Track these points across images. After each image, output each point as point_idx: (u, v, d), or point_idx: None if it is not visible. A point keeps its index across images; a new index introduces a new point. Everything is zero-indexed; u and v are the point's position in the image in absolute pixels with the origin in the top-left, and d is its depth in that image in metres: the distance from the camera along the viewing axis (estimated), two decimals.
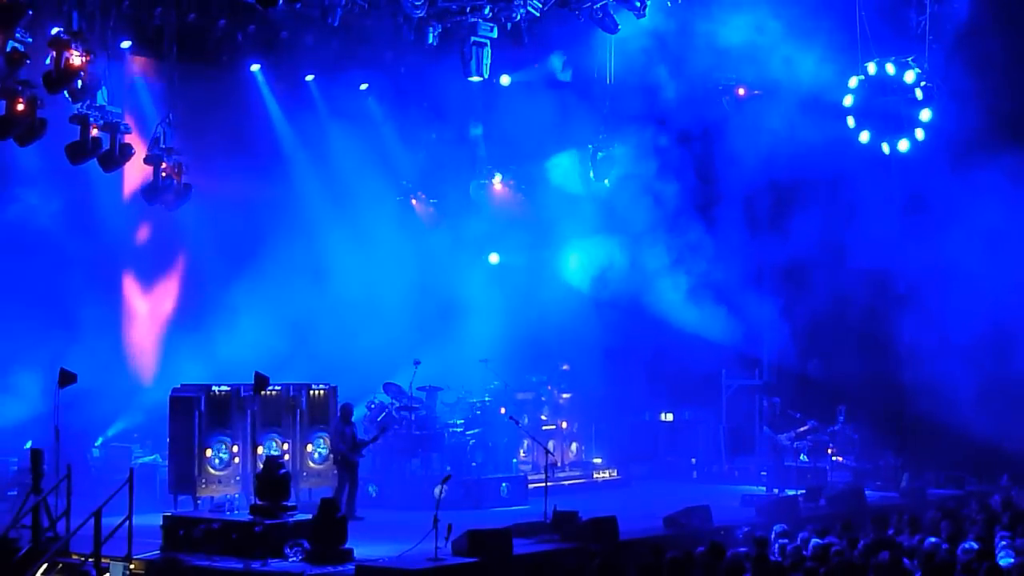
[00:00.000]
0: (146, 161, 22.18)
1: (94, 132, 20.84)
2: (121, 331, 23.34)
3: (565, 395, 27.21)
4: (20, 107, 19.63)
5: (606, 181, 26.97)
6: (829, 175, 25.77)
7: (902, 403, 26.11)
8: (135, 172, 22.68)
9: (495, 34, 21.44)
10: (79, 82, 19.92)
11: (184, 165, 22.47)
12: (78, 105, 20.51)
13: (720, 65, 26.16)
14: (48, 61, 19.77)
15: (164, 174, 22.29)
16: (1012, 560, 14.50)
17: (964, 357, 24.35)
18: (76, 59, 19.84)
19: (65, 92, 20.06)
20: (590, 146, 26.81)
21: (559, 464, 24.84)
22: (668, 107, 25.86)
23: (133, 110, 23.14)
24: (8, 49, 19.18)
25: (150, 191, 22.41)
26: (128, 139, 21.37)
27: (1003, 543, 15.29)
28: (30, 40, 19.42)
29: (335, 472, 21.76)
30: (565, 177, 27.58)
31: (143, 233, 24.25)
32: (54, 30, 20.39)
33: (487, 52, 21.31)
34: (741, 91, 27.22)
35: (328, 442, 21.84)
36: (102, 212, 23.49)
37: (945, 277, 24.47)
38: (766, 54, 24.96)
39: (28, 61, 19.46)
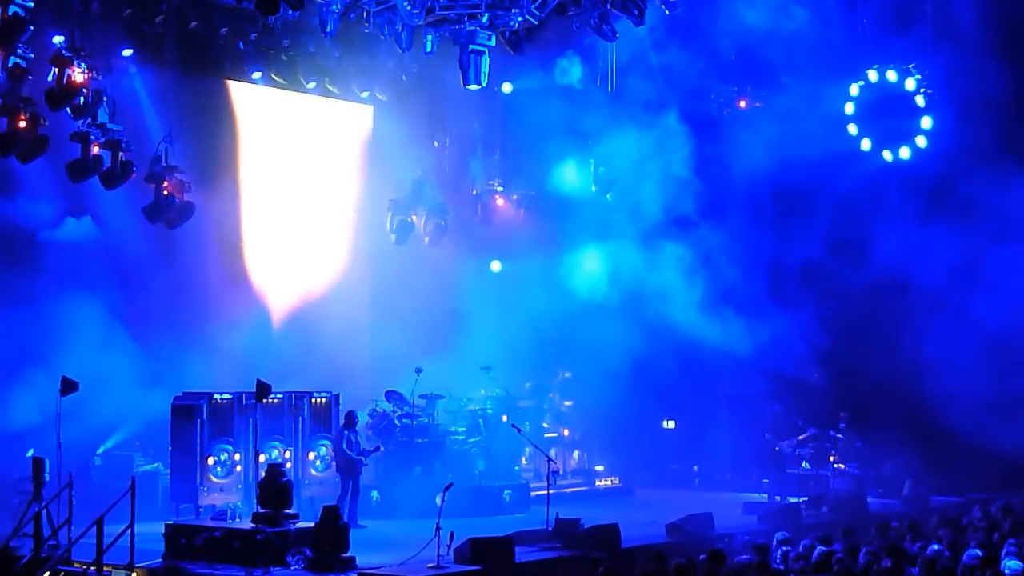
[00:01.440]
0: (147, 180, 22.13)
1: (95, 150, 20.83)
2: (125, 337, 23.30)
3: (567, 403, 27.21)
4: (22, 124, 19.62)
5: (608, 196, 26.96)
6: (835, 181, 25.76)
7: (906, 410, 26.05)
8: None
9: (493, 42, 21.47)
10: (81, 99, 19.91)
11: (186, 183, 22.44)
12: (79, 122, 20.48)
13: (720, 76, 26.19)
14: (50, 78, 19.76)
15: (166, 192, 22.25)
16: (1021, 564, 14.43)
17: (971, 364, 24.30)
18: (78, 76, 19.84)
19: (67, 109, 20.04)
20: (592, 160, 26.78)
21: (561, 472, 24.79)
22: (670, 115, 25.86)
23: (134, 118, 23.16)
24: (10, 65, 19.16)
25: (151, 210, 22.36)
26: (129, 147, 21.36)
27: (1011, 549, 15.22)
28: (32, 56, 19.41)
29: (337, 479, 21.77)
30: (567, 184, 27.56)
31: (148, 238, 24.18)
32: (56, 38, 20.43)
33: (485, 60, 21.33)
34: (742, 103, 27.20)
35: (330, 449, 21.84)
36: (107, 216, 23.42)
37: (954, 283, 24.46)
38: (768, 64, 25.02)
39: (30, 77, 19.45)
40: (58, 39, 20.54)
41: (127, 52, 22.81)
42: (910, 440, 25.77)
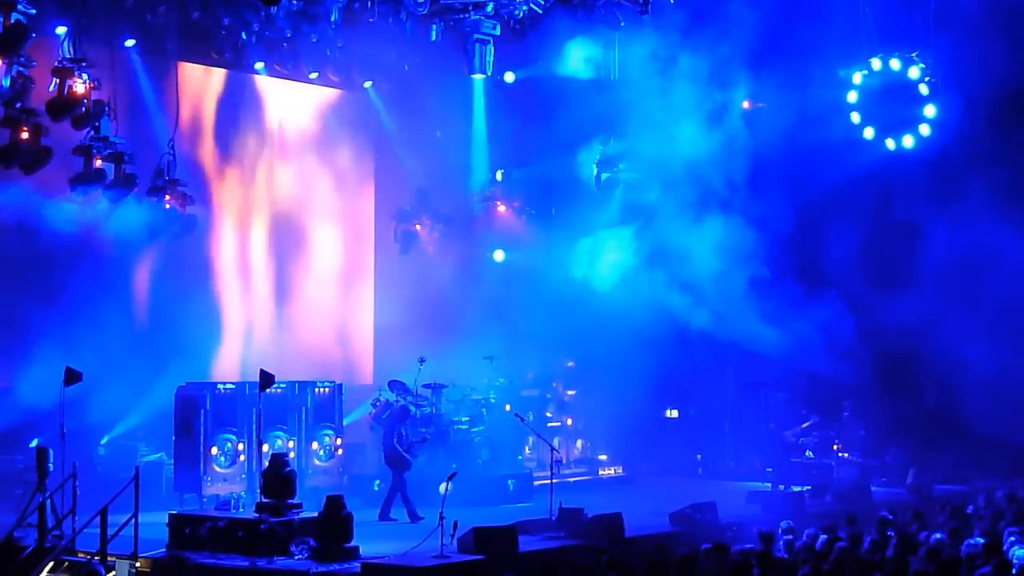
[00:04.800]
0: (149, 193, 22.09)
1: (98, 163, 20.80)
2: (129, 328, 23.35)
3: (570, 392, 27.21)
4: (24, 135, 19.59)
5: (613, 199, 26.94)
6: (842, 173, 25.73)
7: (909, 397, 26.03)
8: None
9: (498, 31, 21.46)
10: (83, 109, 19.87)
11: (188, 197, 22.42)
12: (82, 134, 20.44)
13: (721, 79, 26.13)
14: (51, 88, 19.72)
15: (168, 206, 22.23)
16: None
17: (977, 350, 24.29)
18: (79, 86, 19.81)
19: (69, 120, 20.00)
20: (594, 166, 26.75)
21: (564, 461, 24.85)
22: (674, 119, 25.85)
23: (136, 109, 23.18)
24: (13, 74, 19.12)
25: (154, 224, 22.36)
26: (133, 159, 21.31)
27: (1012, 539, 15.24)
28: (35, 64, 19.38)
29: (340, 470, 21.84)
30: (571, 175, 27.53)
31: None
32: (59, 29, 20.40)
33: (490, 49, 21.35)
34: (746, 104, 27.06)
35: (334, 439, 21.85)
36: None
37: (960, 269, 24.44)
38: (771, 58, 25.01)
39: (32, 86, 19.40)
40: (61, 30, 20.53)
41: (130, 43, 22.82)
42: (914, 428, 25.78)
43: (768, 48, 24.96)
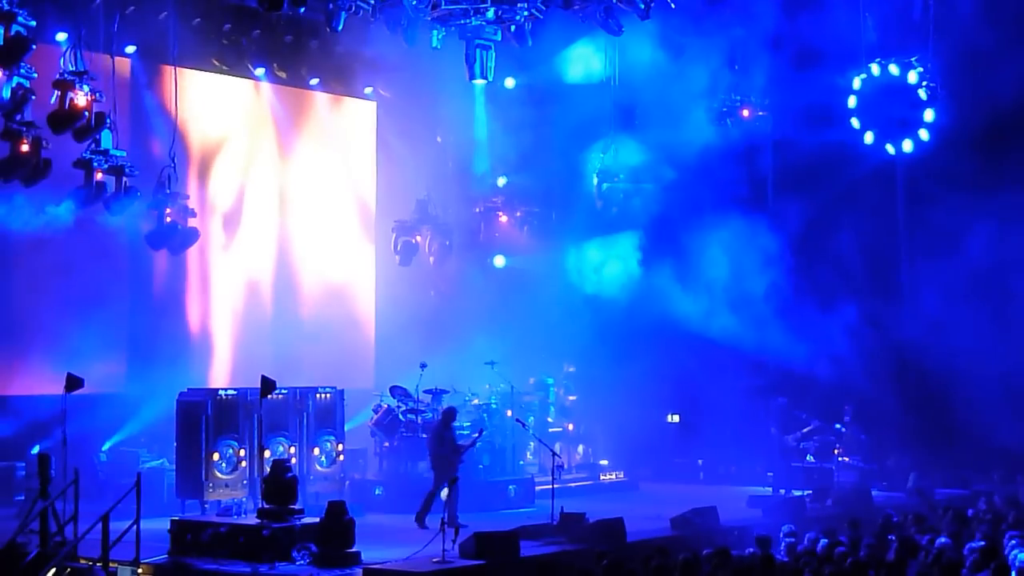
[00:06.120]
0: (151, 207, 22.08)
1: (99, 176, 20.80)
2: (131, 334, 23.36)
3: (571, 397, 27.21)
4: (24, 148, 19.60)
5: (613, 210, 26.95)
6: (844, 178, 25.73)
7: (910, 402, 26.03)
8: None
9: (499, 37, 21.48)
10: (84, 121, 19.88)
11: (190, 211, 22.42)
12: (84, 145, 20.45)
13: (721, 85, 26.14)
14: (53, 100, 19.73)
15: (169, 219, 22.23)
16: None
17: (977, 355, 24.28)
18: (81, 99, 19.82)
19: (70, 133, 20.01)
20: (595, 176, 26.75)
21: (566, 466, 24.85)
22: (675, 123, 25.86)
23: (136, 115, 23.22)
24: (13, 85, 19.13)
25: (155, 236, 22.35)
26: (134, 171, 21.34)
27: (1013, 542, 15.25)
28: (35, 76, 19.41)
29: (341, 475, 21.86)
30: (573, 180, 27.56)
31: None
32: (60, 35, 20.42)
33: (491, 55, 21.35)
34: (745, 112, 27.04)
35: (335, 444, 21.89)
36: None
37: (962, 272, 24.45)
38: (770, 69, 25.04)
39: (33, 97, 19.42)
40: (61, 36, 20.56)
41: (130, 49, 22.85)
42: (915, 433, 25.76)
43: (768, 54, 25.05)
